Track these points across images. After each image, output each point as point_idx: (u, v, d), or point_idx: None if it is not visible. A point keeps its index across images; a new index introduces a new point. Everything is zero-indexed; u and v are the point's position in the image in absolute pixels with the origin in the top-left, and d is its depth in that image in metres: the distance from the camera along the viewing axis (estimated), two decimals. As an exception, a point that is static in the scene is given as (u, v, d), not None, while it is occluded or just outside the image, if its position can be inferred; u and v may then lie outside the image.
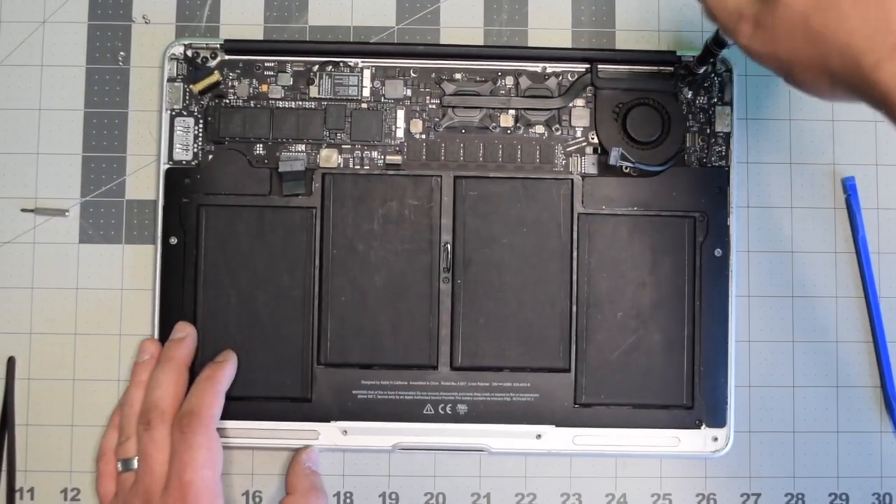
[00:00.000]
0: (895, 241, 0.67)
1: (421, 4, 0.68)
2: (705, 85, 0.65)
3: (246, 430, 0.64)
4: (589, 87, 0.65)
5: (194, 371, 0.63)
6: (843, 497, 0.66)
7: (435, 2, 0.68)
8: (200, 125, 0.65)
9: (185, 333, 0.63)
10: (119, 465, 0.61)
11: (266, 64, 0.65)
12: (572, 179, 0.65)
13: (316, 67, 0.65)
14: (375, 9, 0.68)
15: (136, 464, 0.60)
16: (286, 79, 0.65)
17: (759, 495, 0.66)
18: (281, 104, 0.65)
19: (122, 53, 0.67)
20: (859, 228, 0.66)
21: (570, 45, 0.67)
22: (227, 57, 0.65)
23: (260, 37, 0.67)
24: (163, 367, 0.62)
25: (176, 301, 0.64)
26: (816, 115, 0.67)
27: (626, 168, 0.64)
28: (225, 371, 0.62)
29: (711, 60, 0.63)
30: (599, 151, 0.65)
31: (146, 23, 0.67)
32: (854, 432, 0.66)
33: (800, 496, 0.66)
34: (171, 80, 0.65)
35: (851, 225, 0.67)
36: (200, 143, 0.65)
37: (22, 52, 0.67)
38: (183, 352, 0.63)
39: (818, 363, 0.66)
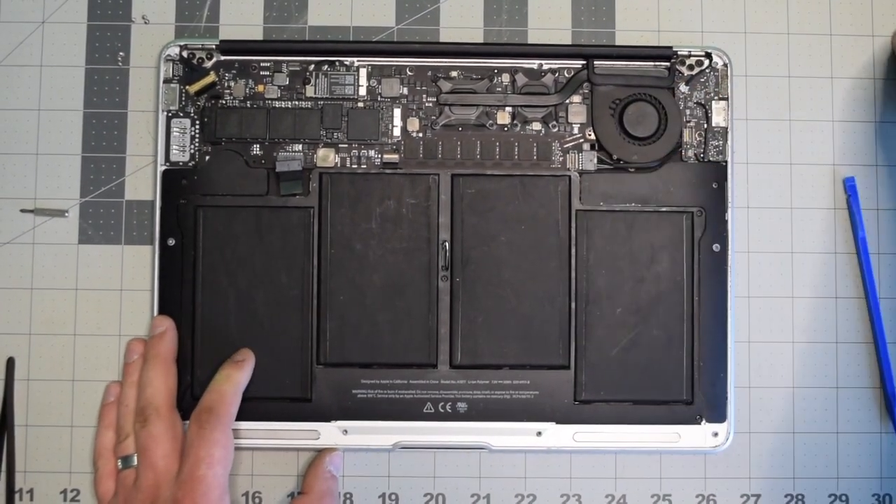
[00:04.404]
0: (895, 241, 0.67)
1: (421, 5, 0.68)
2: (702, 80, 0.65)
3: (246, 431, 0.64)
4: (585, 84, 0.65)
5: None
6: (843, 498, 0.66)
7: (435, 2, 0.68)
8: (197, 126, 0.65)
9: (164, 327, 0.63)
10: (119, 463, 0.62)
11: (262, 64, 0.65)
12: (570, 176, 0.65)
13: (312, 67, 0.65)
14: (375, 9, 0.68)
15: (135, 461, 0.61)
16: (282, 79, 0.65)
17: (758, 496, 0.66)
18: (277, 104, 0.65)
19: (121, 54, 0.67)
20: (859, 229, 0.66)
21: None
22: (222, 57, 0.65)
23: (259, 37, 0.67)
24: (150, 364, 0.62)
25: (174, 302, 0.64)
26: (817, 116, 0.67)
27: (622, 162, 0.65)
28: (244, 370, 0.62)
29: None
30: (597, 147, 0.65)
31: (145, 23, 0.67)
32: (854, 433, 0.66)
33: (800, 497, 0.66)
34: (167, 81, 0.65)
35: (852, 225, 0.67)
36: (197, 144, 0.65)
37: (21, 52, 0.67)
38: (167, 346, 0.63)
39: (818, 364, 0.66)
